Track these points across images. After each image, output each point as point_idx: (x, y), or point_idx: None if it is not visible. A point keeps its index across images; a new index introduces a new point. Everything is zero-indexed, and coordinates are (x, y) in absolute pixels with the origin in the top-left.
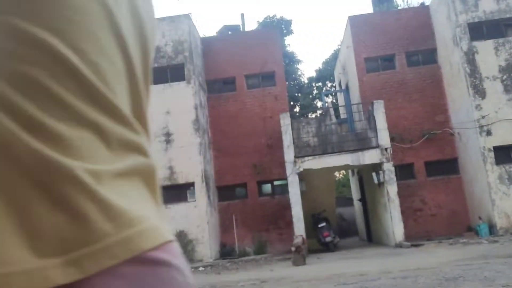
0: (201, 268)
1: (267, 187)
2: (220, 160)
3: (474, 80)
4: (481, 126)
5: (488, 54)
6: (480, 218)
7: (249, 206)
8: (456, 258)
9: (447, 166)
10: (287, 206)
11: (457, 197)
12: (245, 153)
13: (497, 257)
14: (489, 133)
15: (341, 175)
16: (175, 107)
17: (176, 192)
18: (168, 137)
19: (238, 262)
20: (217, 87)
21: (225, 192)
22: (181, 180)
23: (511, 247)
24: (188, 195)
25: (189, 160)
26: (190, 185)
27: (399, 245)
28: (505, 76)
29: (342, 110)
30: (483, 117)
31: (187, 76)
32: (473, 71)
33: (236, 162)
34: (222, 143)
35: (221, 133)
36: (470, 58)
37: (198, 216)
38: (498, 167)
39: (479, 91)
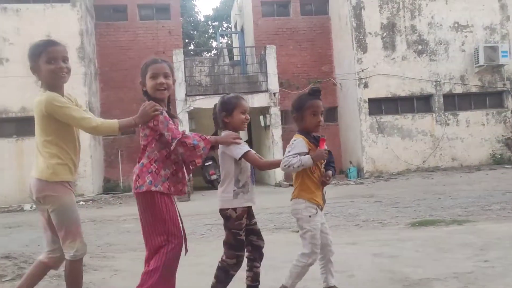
0: (81, 203)
1: None
2: (107, 93)
3: (359, 35)
4: (360, 79)
5: (374, 10)
6: (350, 162)
7: (136, 142)
8: (328, 197)
9: (328, 114)
10: None
11: (333, 143)
12: (135, 87)
13: (361, 196)
14: (366, 85)
15: None
16: (57, 31)
17: None
18: None
19: (122, 197)
20: (107, 14)
21: None
22: None
23: (373, 188)
24: None
25: (72, 90)
26: None
27: (278, 185)
28: (385, 34)
29: (236, 52)
30: (362, 70)
31: None
32: (359, 26)
33: (124, 96)
34: (110, 75)
35: (109, 64)
36: (357, 12)
37: (80, 150)
38: (370, 117)
39: (362, 46)
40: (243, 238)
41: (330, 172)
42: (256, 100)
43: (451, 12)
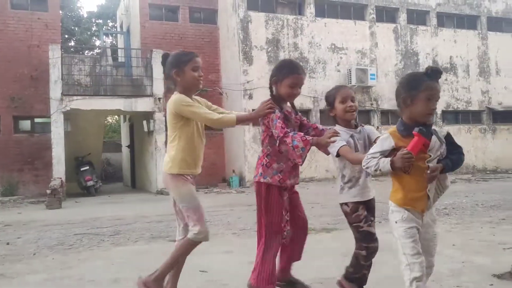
0: None
1: (26, 124)
2: None
3: (245, 47)
4: (245, 90)
5: (260, 25)
6: (233, 171)
7: (0, 143)
8: (209, 205)
9: None
10: (47, 146)
11: (218, 152)
12: (2, 82)
13: (241, 205)
14: (250, 96)
15: (114, 121)
16: None
17: None
18: None
19: None
20: None
21: None
22: None
23: (253, 197)
24: None
25: None
26: None
27: (160, 192)
28: (270, 48)
29: (120, 53)
30: (248, 82)
31: None
32: (245, 38)
33: None
34: None
35: None
36: (245, 26)
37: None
38: (253, 128)
39: (248, 58)
40: (366, 229)
41: (437, 166)
42: (139, 104)
43: (329, 34)
